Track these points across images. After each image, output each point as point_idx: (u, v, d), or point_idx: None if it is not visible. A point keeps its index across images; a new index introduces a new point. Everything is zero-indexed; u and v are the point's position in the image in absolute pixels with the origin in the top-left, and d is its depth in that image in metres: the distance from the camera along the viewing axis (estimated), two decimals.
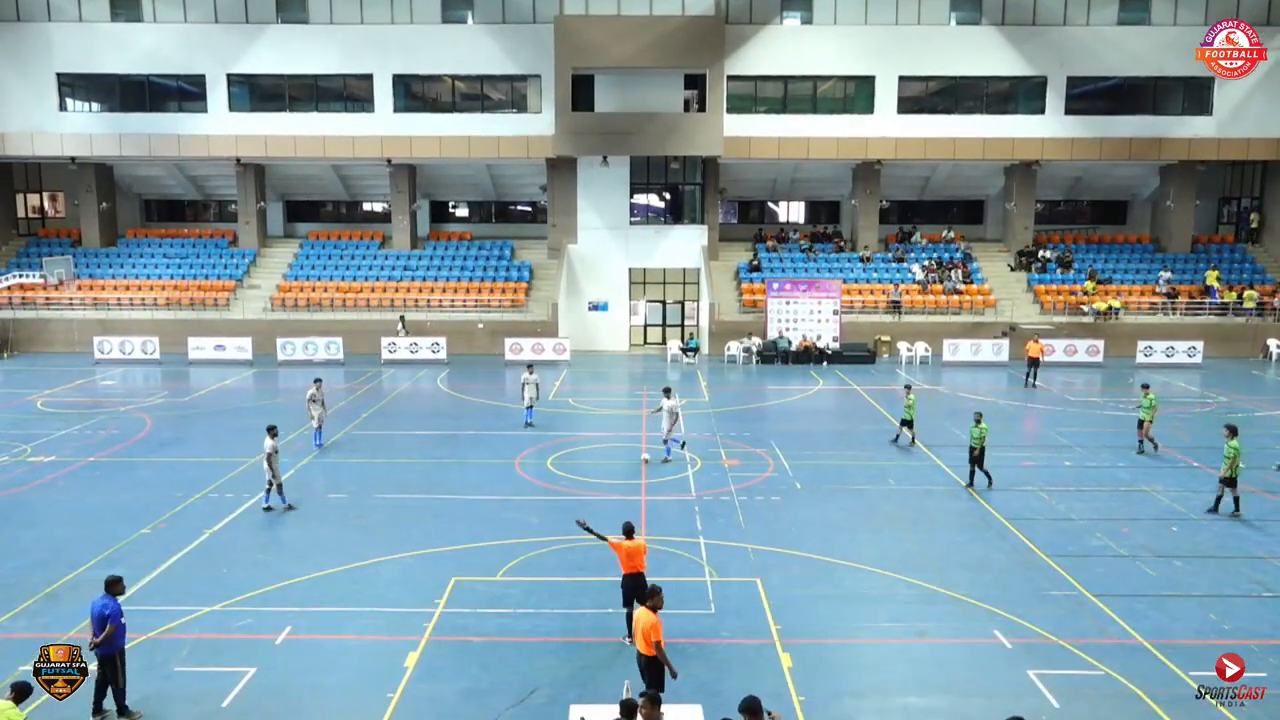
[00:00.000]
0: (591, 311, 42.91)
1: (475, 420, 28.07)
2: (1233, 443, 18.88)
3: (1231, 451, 18.86)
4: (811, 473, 22.11)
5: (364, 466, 22.65)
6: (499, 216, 47.97)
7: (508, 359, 38.56)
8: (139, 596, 14.78)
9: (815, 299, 39.68)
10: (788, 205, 48.60)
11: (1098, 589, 15.48)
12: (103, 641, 11.55)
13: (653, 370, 37.78)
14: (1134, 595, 15.25)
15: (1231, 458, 18.84)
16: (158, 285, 42.23)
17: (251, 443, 24.60)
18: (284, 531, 18.00)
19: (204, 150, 41.92)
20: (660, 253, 43.05)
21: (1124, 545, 17.53)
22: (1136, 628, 14.05)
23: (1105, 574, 16.15)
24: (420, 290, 41.96)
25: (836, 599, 15.10)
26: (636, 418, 28.35)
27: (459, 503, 19.94)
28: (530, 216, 47.67)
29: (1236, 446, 18.86)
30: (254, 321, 40.31)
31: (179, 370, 36.77)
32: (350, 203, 48.03)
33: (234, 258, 44.19)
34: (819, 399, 31.88)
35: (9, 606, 14.61)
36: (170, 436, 25.79)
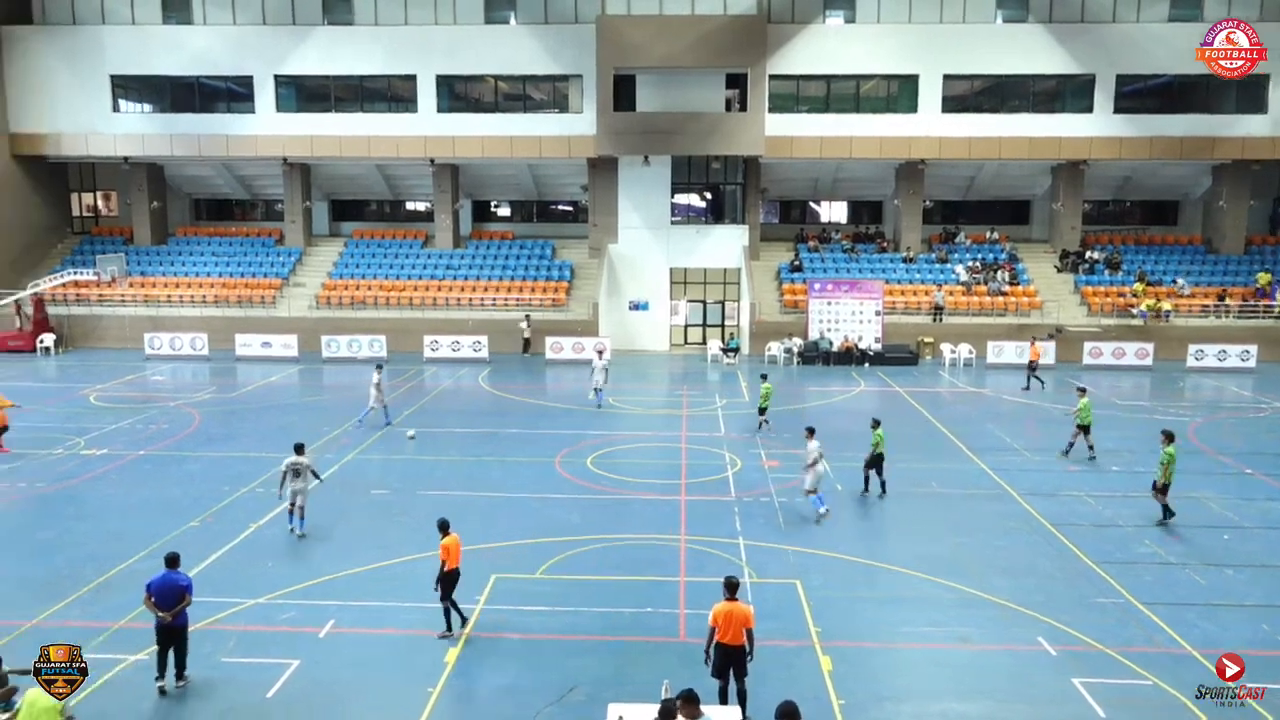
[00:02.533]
0: (632, 311, 42.96)
1: (516, 418, 28.23)
2: (1168, 449, 18.54)
3: (1166, 458, 18.50)
4: (853, 475, 21.91)
5: (407, 463, 22.87)
6: (540, 216, 48.18)
7: (548, 358, 38.72)
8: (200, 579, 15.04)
9: (857, 300, 39.39)
10: (830, 205, 48.29)
11: (1145, 597, 15.21)
12: (179, 611, 12.12)
13: (693, 370, 37.76)
14: (1183, 604, 14.96)
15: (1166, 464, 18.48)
16: (206, 283, 42.97)
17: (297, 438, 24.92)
18: (328, 527, 18.23)
19: (252, 150, 42.60)
20: (701, 252, 42.99)
21: (1173, 553, 17.21)
22: (1186, 637, 13.78)
23: (1153, 582, 15.86)
24: (462, 289, 42.27)
25: (877, 602, 14.98)
26: (676, 418, 28.36)
27: (500, 500, 20.07)
28: (571, 216, 47.82)
29: (1171, 453, 18.50)
30: (299, 319, 40.87)
31: (226, 366, 37.39)
32: (394, 202, 48.52)
33: (280, 256, 44.84)
34: (860, 400, 31.66)
35: (63, 596, 14.96)
36: (218, 432, 26.23)
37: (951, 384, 34.38)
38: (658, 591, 15.20)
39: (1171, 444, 18.66)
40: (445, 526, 13.91)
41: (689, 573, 15.96)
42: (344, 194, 47.83)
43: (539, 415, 28.79)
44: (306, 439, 24.72)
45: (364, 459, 23.30)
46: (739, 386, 33.49)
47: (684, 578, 15.77)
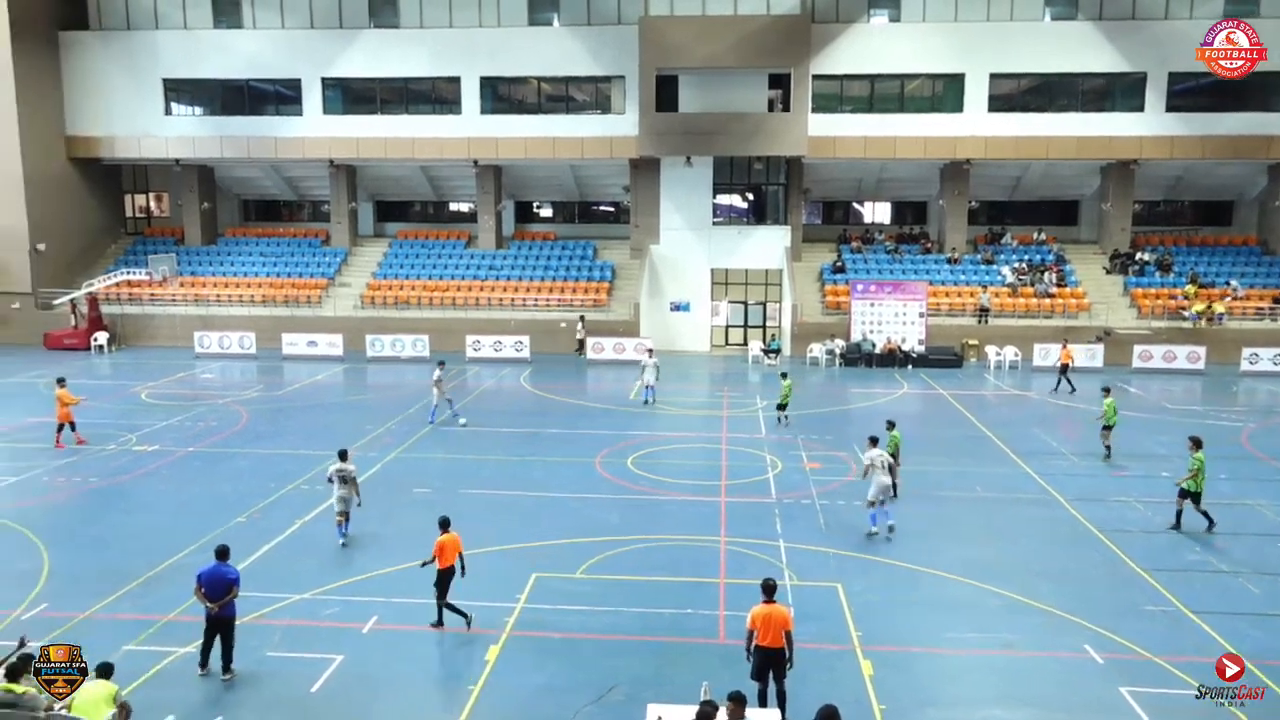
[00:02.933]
0: (673, 312, 42.93)
1: (557, 418, 28.33)
2: (1197, 455, 18.15)
3: (1195, 464, 18.09)
4: None
5: (448, 462, 23.05)
6: (582, 217, 48.33)
7: (589, 358, 38.82)
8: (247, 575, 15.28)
9: (900, 301, 39.04)
10: (873, 206, 47.90)
11: (1196, 605, 14.89)
12: (227, 603, 12.43)
13: (734, 371, 37.65)
14: (1235, 613, 14.63)
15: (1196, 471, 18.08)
16: (254, 283, 43.66)
17: (341, 437, 25.27)
18: (371, 524, 18.42)
19: (299, 152, 43.22)
20: (742, 253, 42.86)
21: (1225, 561, 16.84)
22: (1238, 646, 13.46)
23: (1204, 590, 15.53)
24: (504, 289, 42.54)
25: (919, 606, 14.83)
26: (717, 419, 28.30)
27: (541, 500, 20.15)
28: (613, 217, 47.92)
29: (1200, 459, 18.11)
30: (345, 319, 41.39)
31: (273, 365, 37.95)
32: (438, 203, 48.96)
33: (326, 256, 45.43)
34: (903, 403, 31.36)
35: (114, 589, 15.27)
36: (265, 430, 26.63)
37: (997, 387, 33.95)
38: (697, 593, 15.17)
39: (1200, 450, 18.26)
40: (445, 524, 14.13)
41: (729, 574, 15.91)
42: (388, 195, 48.35)
43: (580, 415, 28.86)
44: (350, 438, 25.15)
45: (407, 457, 23.52)
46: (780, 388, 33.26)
47: (724, 579, 15.73)
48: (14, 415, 27.76)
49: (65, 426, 24.52)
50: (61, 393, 24.54)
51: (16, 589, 15.26)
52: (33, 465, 22.61)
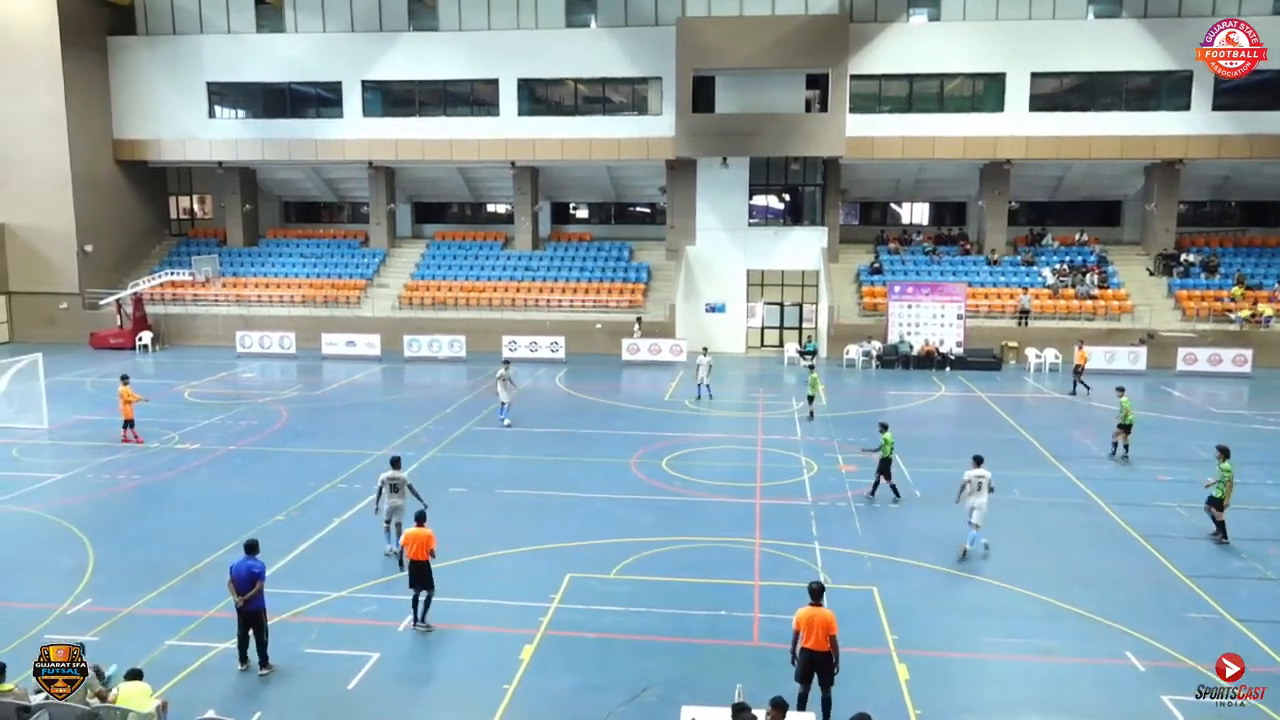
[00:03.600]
0: (709, 313, 42.86)
1: (592, 419, 28.41)
2: (1224, 465, 17.81)
3: (1224, 474, 17.72)
4: (932, 481, 21.56)
5: (483, 462, 23.18)
6: (618, 218, 48.41)
7: (624, 359, 38.86)
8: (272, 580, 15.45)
9: (939, 302, 38.69)
10: (911, 206, 47.51)
11: (1242, 613, 14.60)
12: (253, 596, 12.58)
13: (770, 373, 37.51)
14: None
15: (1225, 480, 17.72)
16: (295, 283, 44.20)
17: (379, 436, 25.55)
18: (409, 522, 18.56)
19: (339, 154, 43.70)
20: (779, 254, 42.68)
21: (1272, 568, 16.49)
22: None
23: (1250, 597, 15.22)
24: (540, 290, 42.70)
25: (956, 611, 14.68)
26: (752, 420, 28.21)
27: (575, 500, 20.21)
28: (649, 218, 47.95)
29: (1228, 469, 17.76)
30: (383, 319, 41.77)
31: (313, 365, 38.40)
32: (475, 204, 49.26)
33: (365, 257, 45.89)
34: (941, 405, 31.07)
35: (156, 585, 15.53)
36: (304, 429, 26.96)
37: (1036, 390, 33.53)
38: (732, 595, 15.13)
39: (1227, 460, 17.94)
40: (420, 518, 14.19)
41: (763, 576, 15.86)
42: (426, 196, 48.75)
43: (614, 416, 28.92)
44: (387, 436, 25.40)
45: (444, 456, 23.69)
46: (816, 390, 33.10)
47: (758, 581, 15.67)
48: (61, 413, 28.33)
49: (130, 422, 25.02)
50: (124, 390, 25.06)
51: (63, 584, 15.57)
52: (79, 462, 23.07)
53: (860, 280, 42.19)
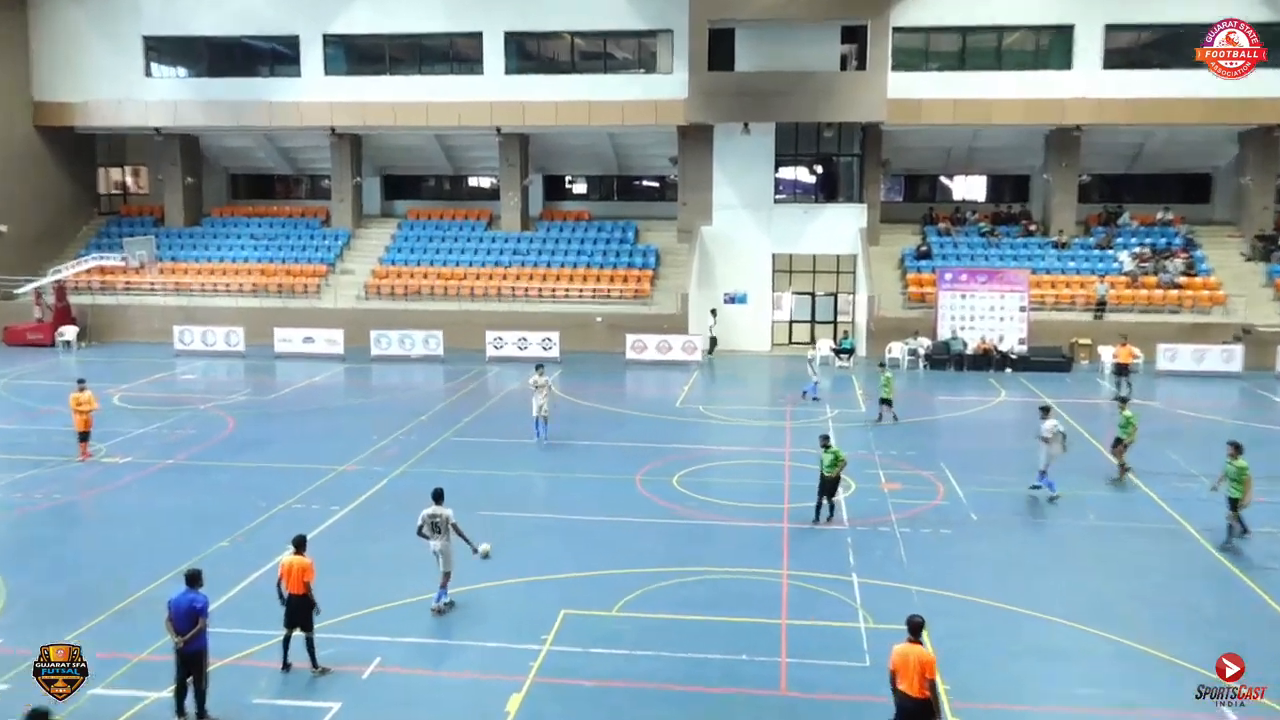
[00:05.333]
0: (728, 304, 42.77)
1: (591, 428, 28.29)
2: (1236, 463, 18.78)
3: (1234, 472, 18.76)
4: (990, 502, 21.42)
5: (463, 479, 23.03)
6: (622, 193, 48.38)
7: (629, 358, 38.77)
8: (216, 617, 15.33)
9: (997, 292, 38.56)
10: (964, 180, 47.41)
11: None
12: (194, 636, 12.43)
13: (798, 374, 37.37)
14: None
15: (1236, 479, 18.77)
16: (244, 269, 44.21)
17: (342, 448, 25.46)
18: (374, 551, 18.48)
19: (296, 119, 43.69)
20: (810, 236, 42.58)
21: None
22: None
23: None
24: (531, 278, 42.65)
25: (1019, 655, 14.55)
26: (779, 431, 28.09)
27: (570, 523, 20.12)
28: (657, 193, 47.90)
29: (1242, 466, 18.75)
30: (346, 311, 41.76)
31: (264, 364, 38.38)
32: (454, 177, 49.29)
33: (326, 239, 45.90)
34: (1000, 413, 30.92)
35: (80, 622, 15.38)
36: (253, 439, 26.88)
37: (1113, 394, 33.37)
38: (755, 635, 15.00)
39: (1240, 455, 18.83)
40: (299, 543, 14.06)
41: (792, 614, 15.73)
42: (398, 168, 48.77)
43: (617, 424, 28.83)
44: (351, 448, 25.32)
45: (417, 472, 23.57)
46: (854, 394, 33.03)
47: (786, 620, 15.54)
48: None
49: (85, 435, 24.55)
50: (78, 396, 24.42)
51: None
52: None
53: (905, 266, 42.07)
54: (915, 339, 38.55)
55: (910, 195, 47.33)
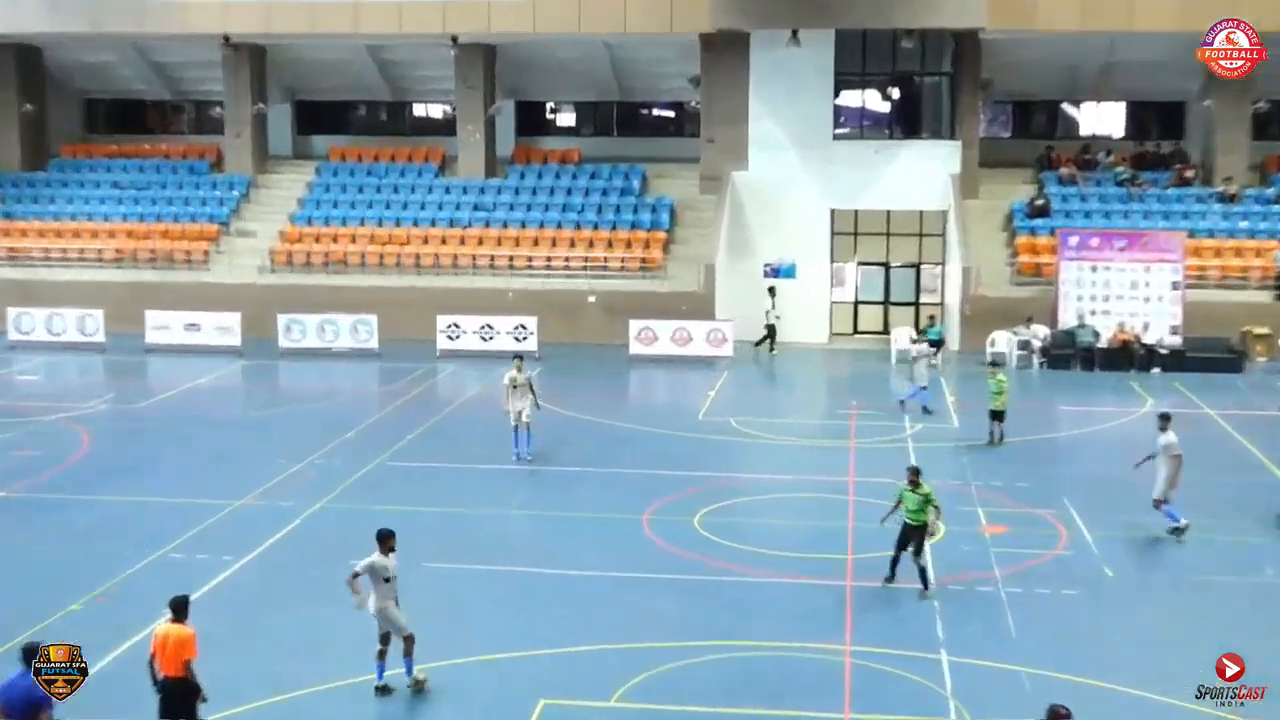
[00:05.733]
0: (769, 279, 42.72)
1: (581, 449, 28.32)
2: None
3: None
4: (1131, 551, 21.48)
5: (409, 519, 22.93)
6: (624, 126, 48.38)
7: (633, 353, 38.72)
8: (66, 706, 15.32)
9: (1140, 263, 38.54)
10: (1096, 109, 47.32)
11: None
12: None
13: (868, 376, 37.40)
14: None
15: None
16: (104, 230, 44.21)
17: (239, 476, 25.40)
18: (284, 616, 18.43)
19: (176, 24, 43.70)
20: (883, 186, 42.58)
21: None
22: None
23: None
24: (499, 242, 42.62)
25: None
26: (839, 453, 28.02)
27: (551, 580, 20.05)
28: (673, 127, 47.95)
29: None
30: (245, 288, 41.78)
31: (132, 361, 38.42)
32: (394, 105, 49.36)
33: (217, 189, 45.95)
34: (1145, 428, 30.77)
35: None
36: (117, 463, 26.88)
37: None
38: None
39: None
40: (179, 608, 13.91)
41: (858, 706, 15.68)
42: (316, 92, 48.83)
43: (618, 444, 28.88)
44: (254, 476, 25.27)
45: (341, 509, 23.55)
46: (943, 401, 32.94)
47: (849, 714, 15.51)
48: None
49: None
50: None
51: None
52: None
53: (1014, 227, 42.06)
54: (1027, 327, 38.44)
55: (1021, 129, 47.30)
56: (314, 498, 24.25)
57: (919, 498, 19.63)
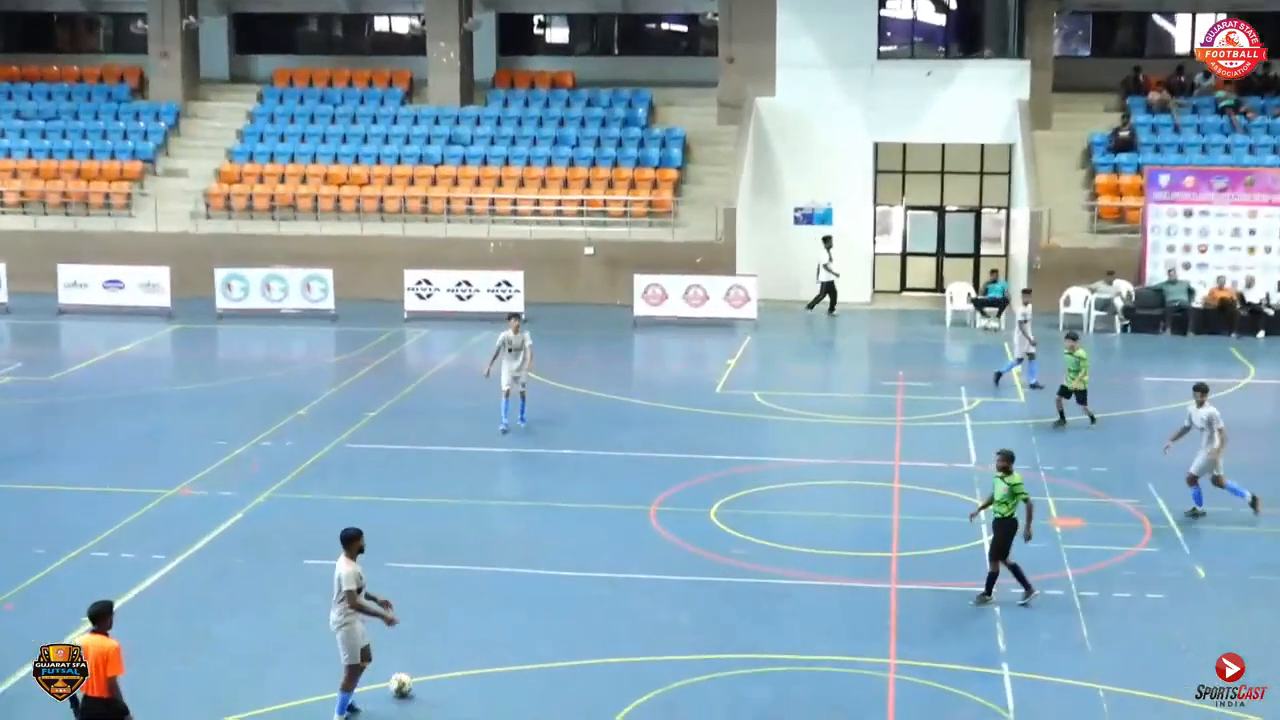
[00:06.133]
0: (800, 226, 42.76)
1: (579, 429, 28.50)
2: None
3: None
4: (1227, 548, 21.57)
5: (371, 509, 23.12)
6: (626, 44, 48.34)
7: (639, 314, 38.83)
8: None
9: (1245, 207, 38.54)
10: (1190, 21, 47.18)
11: None
12: None
13: (917, 340, 37.48)
14: None
15: None
16: (4, 169, 44.20)
17: (170, 460, 25.55)
18: (226, 624, 18.52)
19: None
20: (936, 115, 42.57)
21: None
22: None
23: None
24: (478, 182, 42.65)
25: None
26: (883, 433, 28.15)
27: (542, 583, 20.17)
28: (684, 44, 47.89)
29: None
30: (175, 238, 41.88)
31: (41, 324, 38.60)
32: (351, 18, 49.27)
33: (142, 119, 45.91)
34: (1249, 403, 30.90)
35: None
36: (26, 446, 26.99)
37: None
38: None
39: None
40: (99, 616, 13.97)
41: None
42: (259, 3, 48.73)
43: (621, 423, 29.07)
44: (189, 461, 25.39)
45: (290, 499, 23.71)
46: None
47: None
48: None
49: None
50: None
51: None
52: None
53: (1093, 164, 42.03)
54: (1108, 283, 38.46)
55: (1100, 47, 47.20)
56: (260, 486, 24.35)
57: (1005, 487, 19.47)
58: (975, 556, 21.22)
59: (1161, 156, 41.21)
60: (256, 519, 22.74)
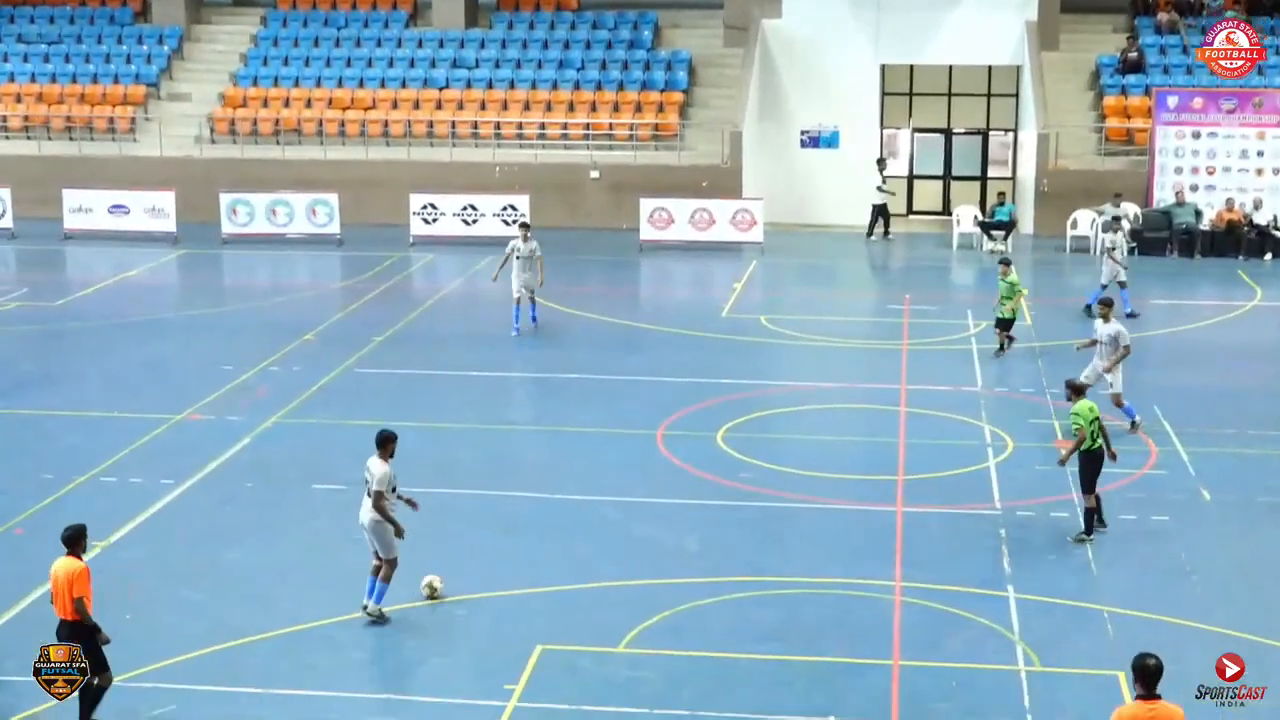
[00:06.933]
0: (806, 149, 42.60)
1: (585, 353, 28.49)
2: None
3: None
4: (1233, 471, 21.56)
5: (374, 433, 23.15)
6: None
7: (644, 238, 38.77)
8: None
9: (1254, 128, 38.36)
10: None
11: None
12: None
13: (923, 264, 37.37)
14: None
15: None
16: (7, 93, 44.04)
17: (176, 385, 25.59)
18: (234, 549, 18.61)
19: None
20: (943, 36, 42.40)
21: None
22: None
23: None
24: (483, 105, 42.47)
25: None
26: (888, 356, 28.14)
27: (549, 506, 20.28)
28: None
29: None
30: (180, 162, 41.80)
31: (46, 250, 38.55)
32: None
33: (144, 43, 45.65)
34: (1254, 326, 30.87)
35: None
36: (32, 372, 27.09)
37: None
38: (852, 682, 15.17)
39: None
40: (72, 540, 13.87)
41: (908, 652, 15.82)
42: None
43: (627, 347, 29.17)
44: (196, 386, 25.44)
45: (298, 424, 23.79)
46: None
47: (898, 660, 15.71)
48: None
49: None
50: None
51: None
52: None
53: (1100, 86, 41.82)
54: (1116, 205, 38.33)
55: None
56: (267, 411, 24.44)
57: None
58: (980, 479, 21.29)
59: (1170, 78, 41.01)
60: (264, 444, 22.83)
